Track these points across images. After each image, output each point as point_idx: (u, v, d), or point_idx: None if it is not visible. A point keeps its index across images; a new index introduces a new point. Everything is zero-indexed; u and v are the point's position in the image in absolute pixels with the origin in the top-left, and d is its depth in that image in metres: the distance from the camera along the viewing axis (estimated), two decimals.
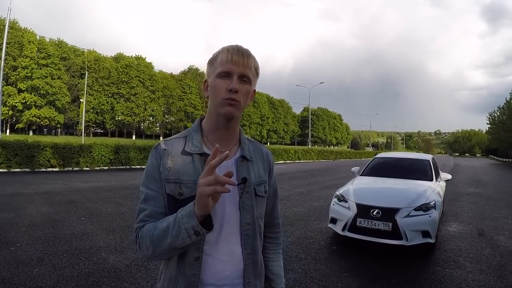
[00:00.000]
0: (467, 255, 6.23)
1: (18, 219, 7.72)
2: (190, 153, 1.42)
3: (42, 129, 71.38)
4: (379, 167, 8.72)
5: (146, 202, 1.39)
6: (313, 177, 20.67)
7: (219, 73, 1.38)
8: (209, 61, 1.47)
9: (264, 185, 1.55)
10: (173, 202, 1.36)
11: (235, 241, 1.42)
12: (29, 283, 4.46)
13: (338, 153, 59.95)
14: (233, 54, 1.38)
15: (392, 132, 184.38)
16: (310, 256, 5.98)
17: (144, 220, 1.36)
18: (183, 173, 1.39)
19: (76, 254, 5.64)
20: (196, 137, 1.46)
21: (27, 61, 60.79)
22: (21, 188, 12.36)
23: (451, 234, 7.71)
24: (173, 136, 1.51)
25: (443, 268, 5.49)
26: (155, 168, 1.41)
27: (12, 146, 18.07)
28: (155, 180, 1.40)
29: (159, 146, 1.46)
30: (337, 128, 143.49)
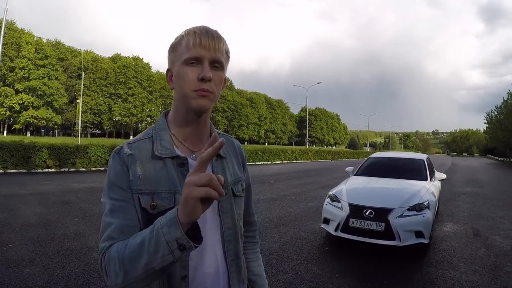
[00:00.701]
0: (461, 255, 6.19)
1: (11, 220, 7.72)
2: (161, 157, 1.21)
3: (39, 130, 71.27)
4: (373, 167, 8.70)
5: (112, 214, 1.14)
6: (310, 177, 20.63)
7: (186, 60, 1.17)
8: (171, 47, 1.25)
9: (241, 183, 1.41)
10: (148, 217, 1.15)
11: (218, 249, 1.26)
12: (19, 283, 4.47)
13: (336, 153, 59.90)
14: (201, 37, 1.16)
15: (390, 132, 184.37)
16: (301, 256, 5.95)
17: (111, 237, 1.10)
18: (155, 182, 1.18)
19: (67, 254, 5.64)
20: (164, 137, 1.26)
21: (25, 62, 60.72)
22: (16, 189, 12.34)
23: (446, 234, 7.67)
24: (136, 138, 1.29)
25: (437, 269, 5.45)
26: (119, 175, 1.18)
27: (8, 147, 18.02)
28: (121, 189, 1.17)
29: (122, 151, 1.22)
30: (335, 128, 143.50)
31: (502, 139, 64.49)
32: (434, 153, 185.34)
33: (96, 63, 72.95)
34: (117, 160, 1.20)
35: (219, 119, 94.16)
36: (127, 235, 1.09)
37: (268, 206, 10.52)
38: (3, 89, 59.33)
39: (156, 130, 1.28)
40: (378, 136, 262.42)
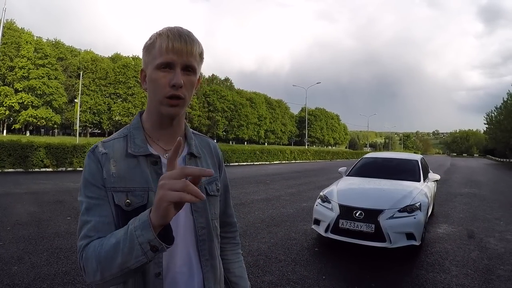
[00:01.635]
0: (453, 258, 6.12)
1: (4, 218, 7.76)
2: (135, 156, 1.22)
3: (39, 129, 71.20)
4: (366, 168, 8.66)
5: (88, 212, 1.15)
6: (307, 178, 20.60)
7: (158, 65, 1.18)
8: (145, 47, 1.25)
9: (216, 183, 1.42)
10: (122, 215, 1.17)
11: (191, 248, 1.28)
12: (6, 280, 4.53)
13: (335, 153, 59.86)
14: (174, 42, 1.17)
15: (390, 133, 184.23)
16: (290, 258, 5.91)
17: (88, 235, 1.12)
18: (129, 180, 1.20)
19: (56, 253, 5.67)
20: (138, 135, 1.27)
21: (24, 61, 60.60)
22: (12, 188, 12.35)
23: (439, 236, 7.62)
24: (111, 137, 1.30)
25: (427, 272, 5.38)
26: (94, 174, 1.19)
27: (5, 146, 18.05)
28: (96, 187, 1.18)
29: (96, 149, 1.24)
30: (335, 128, 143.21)
31: (502, 139, 64.46)
32: (434, 154, 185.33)
33: (95, 63, 72.78)
34: (92, 158, 1.21)
35: (219, 119, 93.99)
36: (103, 232, 1.11)
37: (262, 206, 10.50)
38: (3, 88, 59.20)
39: (131, 129, 1.30)
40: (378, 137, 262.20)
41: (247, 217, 8.86)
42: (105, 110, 73.46)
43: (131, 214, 1.09)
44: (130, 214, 1.10)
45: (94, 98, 71.22)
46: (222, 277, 1.43)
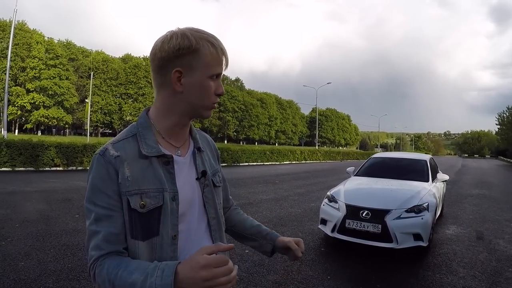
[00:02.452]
0: (461, 259, 6.03)
1: (13, 216, 7.85)
2: (148, 156, 1.22)
3: (51, 129, 71.90)
4: (374, 167, 8.60)
5: (97, 223, 1.15)
6: (316, 178, 20.54)
7: (214, 74, 1.23)
8: (190, 48, 1.20)
9: (218, 174, 1.47)
10: (137, 217, 1.18)
11: (206, 239, 1.33)
12: (13, 275, 4.60)
13: (346, 154, 59.64)
14: (227, 56, 1.25)
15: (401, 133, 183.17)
16: None
17: (100, 247, 1.14)
18: (142, 181, 1.20)
19: (63, 249, 5.73)
20: (148, 135, 1.26)
21: (36, 61, 61.27)
22: (22, 186, 12.49)
23: (448, 237, 7.53)
24: (119, 137, 1.28)
25: (434, 273, 5.31)
26: (105, 180, 1.17)
27: (16, 145, 18.23)
28: (106, 195, 1.17)
29: (107, 152, 1.20)
30: (345, 129, 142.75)
31: None
32: (445, 155, 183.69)
33: (106, 63, 73.36)
34: (102, 163, 1.18)
35: (229, 119, 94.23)
36: (114, 243, 1.14)
37: (270, 206, 10.49)
38: (15, 88, 59.88)
39: (139, 129, 1.28)
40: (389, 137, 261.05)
41: (255, 217, 8.70)
42: (116, 110, 74.01)
43: (146, 216, 1.16)
44: (144, 216, 1.16)
45: (105, 98, 71.80)
46: None
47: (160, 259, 1.17)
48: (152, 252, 1.19)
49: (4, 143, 17.97)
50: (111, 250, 1.14)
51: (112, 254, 1.14)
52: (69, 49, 69.89)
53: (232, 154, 31.77)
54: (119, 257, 1.14)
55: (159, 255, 1.19)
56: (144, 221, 1.17)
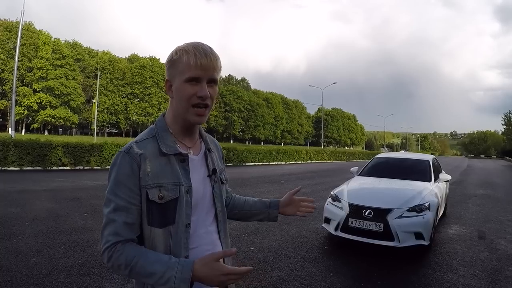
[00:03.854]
0: (462, 258, 6.12)
1: (23, 214, 8.04)
2: (166, 154, 1.40)
3: (57, 129, 72.21)
4: (377, 167, 8.70)
5: (116, 212, 1.31)
6: (321, 178, 20.60)
7: (187, 79, 1.35)
8: (171, 61, 1.41)
9: (224, 173, 1.66)
10: (156, 207, 1.35)
11: (214, 230, 1.52)
12: (25, 271, 4.76)
13: (351, 154, 59.53)
14: (201, 60, 1.34)
15: (407, 133, 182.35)
16: (299, 255, 6.01)
17: (115, 233, 1.30)
18: (161, 176, 1.37)
19: (73, 246, 5.89)
20: (166, 137, 1.44)
21: (42, 62, 61.57)
22: (30, 185, 12.69)
23: (450, 236, 7.61)
24: (141, 137, 1.46)
25: (434, 271, 5.40)
26: (128, 175, 1.34)
27: (24, 145, 18.48)
28: (128, 188, 1.33)
29: (132, 150, 1.37)
30: (351, 128, 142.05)
31: None
32: (451, 155, 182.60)
33: (113, 64, 73.59)
34: (126, 159, 1.35)
35: (235, 119, 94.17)
36: (129, 232, 1.33)
37: None
38: (21, 88, 60.23)
39: (158, 130, 1.46)
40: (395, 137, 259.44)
41: None
42: (122, 110, 74.21)
43: (163, 207, 1.35)
44: (162, 207, 1.35)
45: (111, 98, 72.02)
46: None
47: (175, 244, 1.36)
48: (168, 237, 1.37)
49: (12, 142, 18.22)
50: (127, 238, 1.32)
51: (128, 241, 1.32)
52: (75, 49, 70.13)
53: (238, 154, 31.87)
54: (136, 246, 1.33)
55: (174, 241, 1.37)
56: (161, 211, 1.35)
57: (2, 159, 17.69)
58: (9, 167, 17.81)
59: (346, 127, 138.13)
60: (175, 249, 1.36)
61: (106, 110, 71.19)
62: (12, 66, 46.39)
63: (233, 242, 6.44)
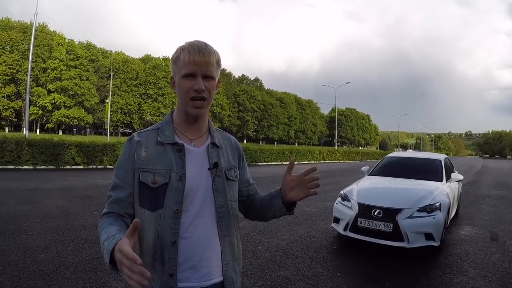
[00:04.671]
0: (473, 260, 5.99)
1: (34, 211, 8.13)
2: (163, 143, 1.52)
3: (71, 128, 73.02)
4: (388, 167, 8.60)
5: (113, 189, 1.52)
6: (334, 177, 20.48)
7: (183, 75, 1.48)
8: (172, 60, 1.55)
9: (234, 170, 1.67)
10: (148, 190, 1.47)
11: (211, 223, 1.52)
12: (33, 267, 4.82)
13: (365, 154, 59.13)
14: (194, 56, 1.46)
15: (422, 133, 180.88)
16: (307, 255, 5.95)
17: (107, 206, 1.50)
18: (156, 162, 1.49)
19: (81, 243, 5.95)
20: (168, 128, 1.56)
21: (56, 62, 62.38)
22: (43, 183, 12.85)
23: (461, 237, 7.48)
24: (146, 129, 1.62)
25: (444, 273, 5.30)
26: (126, 159, 1.52)
27: (38, 144, 18.70)
28: (124, 170, 1.51)
29: (133, 138, 1.56)
30: (365, 128, 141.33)
31: None
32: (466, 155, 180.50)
33: (126, 64, 74.21)
34: (127, 146, 1.55)
35: (249, 119, 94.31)
36: (117, 206, 1.48)
37: None
38: (36, 89, 61.09)
39: (163, 123, 1.60)
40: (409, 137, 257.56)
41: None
42: (135, 110, 74.74)
43: (155, 191, 1.46)
44: (155, 191, 1.46)
45: (125, 98, 72.61)
46: (240, 256, 1.67)
47: (162, 229, 1.44)
48: (157, 221, 1.45)
49: (25, 142, 18.42)
50: (113, 211, 1.49)
51: (113, 214, 1.48)
52: (89, 50, 70.93)
53: (250, 153, 31.78)
54: (112, 219, 1.46)
55: (162, 225, 1.45)
56: (153, 194, 1.46)
57: (16, 158, 17.90)
58: (23, 166, 18.01)
59: (360, 127, 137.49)
60: (163, 233, 1.44)
61: (119, 110, 71.81)
62: (26, 67, 46.92)
63: (241, 240, 6.38)
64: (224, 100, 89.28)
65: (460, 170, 9.49)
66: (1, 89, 60.45)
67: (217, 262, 1.52)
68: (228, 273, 1.54)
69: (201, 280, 1.47)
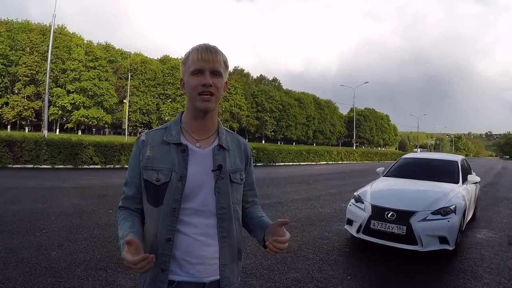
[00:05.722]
0: (488, 265, 5.81)
1: (50, 210, 8.26)
2: (168, 143, 1.58)
3: (91, 128, 74.01)
4: (404, 168, 8.46)
5: (125, 186, 1.66)
6: (351, 178, 20.28)
7: (192, 71, 1.55)
8: (182, 61, 1.64)
9: (240, 173, 1.70)
10: (152, 188, 1.56)
11: (212, 224, 1.57)
12: (45, 263, 4.91)
13: (383, 155, 58.51)
14: (202, 53, 1.54)
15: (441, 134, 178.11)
16: (318, 257, 5.88)
17: (123, 201, 1.67)
18: (160, 161, 1.57)
19: (94, 241, 6.02)
20: (175, 128, 1.62)
21: (76, 63, 63.54)
22: (60, 182, 13.05)
23: (477, 241, 7.28)
24: (156, 128, 1.70)
25: (457, 278, 5.14)
26: (134, 157, 1.64)
27: (56, 144, 19.02)
28: (132, 168, 1.63)
29: (140, 137, 1.66)
30: (384, 129, 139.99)
31: None
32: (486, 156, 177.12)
33: (145, 65, 75.00)
34: (135, 145, 1.66)
35: (267, 119, 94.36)
36: (128, 202, 1.65)
37: (300, 205, 10.54)
38: (56, 89, 62.29)
39: (171, 123, 1.67)
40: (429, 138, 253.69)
41: (283, 216, 8.87)
42: (154, 110, 75.42)
43: (159, 188, 1.55)
44: (159, 188, 1.55)
45: (143, 99, 73.33)
46: (241, 256, 1.71)
47: (161, 224, 1.54)
48: (157, 217, 1.55)
49: (44, 141, 18.75)
50: (126, 206, 1.65)
51: (127, 209, 1.65)
52: (108, 51, 71.97)
53: (268, 154, 31.76)
54: (128, 213, 1.63)
55: (160, 221, 1.54)
56: (156, 191, 1.55)
57: (34, 158, 18.22)
58: (41, 165, 18.32)
59: (379, 127, 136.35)
60: (161, 228, 1.53)
61: (138, 110, 72.54)
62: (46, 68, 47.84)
63: (251, 242, 6.35)
64: (243, 100, 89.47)
65: (479, 171, 9.29)
66: (22, 89, 61.74)
67: (214, 261, 1.57)
68: (225, 273, 1.59)
69: (195, 276, 1.54)
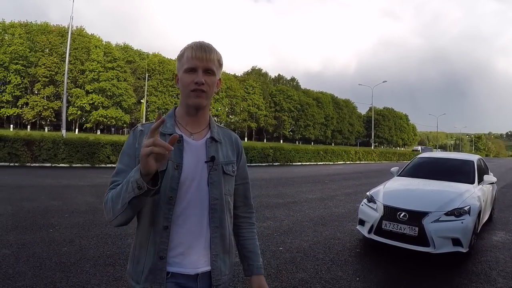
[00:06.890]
0: (503, 269, 5.62)
1: (64, 207, 8.40)
2: (164, 134, 1.60)
3: (110, 128, 74.84)
4: (418, 168, 8.31)
5: (117, 175, 1.58)
6: (368, 178, 20.00)
7: (186, 69, 1.59)
8: (177, 58, 1.68)
9: (232, 165, 1.74)
10: None
11: (204, 214, 1.61)
12: (55, 258, 5.03)
13: (402, 154, 57.63)
14: (196, 51, 1.58)
15: (461, 133, 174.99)
16: (328, 257, 5.81)
17: (110, 188, 1.55)
18: None
19: (104, 238, 6.10)
20: (169, 121, 1.66)
21: (94, 64, 64.49)
22: (76, 181, 13.23)
23: (493, 244, 7.08)
24: (150, 121, 1.68)
25: (470, 282, 4.99)
26: (130, 146, 1.62)
27: (74, 143, 19.29)
28: (128, 156, 1.61)
29: (136, 128, 1.67)
30: (403, 128, 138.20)
31: None
32: (507, 156, 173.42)
33: (162, 65, 75.60)
34: (131, 135, 1.66)
35: (285, 118, 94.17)
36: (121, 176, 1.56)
37: (314, 205, 10.47)
38: (75, 90, 63.27)
39: (166, 117, 1.63)
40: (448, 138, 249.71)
41: (296, 215, 8.87)
42: None
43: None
44: None
45: (161, 99, 73.90)
46: (232, 249, 1.75)
47: (157, 212, 1.54)
48: (153, 205, 1.55)
49: (62, 141, 19.05)
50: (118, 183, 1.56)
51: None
52: (126, 52, 72.84)
53: (284, 153, 31.62)
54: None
55: (157, 209, 1.55)
56: None
57: (52, 156, 18.51)
58: (59, 164, 18.59)
59: (398, 127, 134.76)
60: (157, 216, 1.54)
61: (156, 110, 73.10)
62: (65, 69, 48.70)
63: (263, 240, 6.36)
64: (261, 100, 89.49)
65: (499, 171, 9.07)
66: (41, 90, 62.84)
67: (206, 252, 1.61)
68: (217, 263, 1.63)
69: (189, 267, 1.58)
